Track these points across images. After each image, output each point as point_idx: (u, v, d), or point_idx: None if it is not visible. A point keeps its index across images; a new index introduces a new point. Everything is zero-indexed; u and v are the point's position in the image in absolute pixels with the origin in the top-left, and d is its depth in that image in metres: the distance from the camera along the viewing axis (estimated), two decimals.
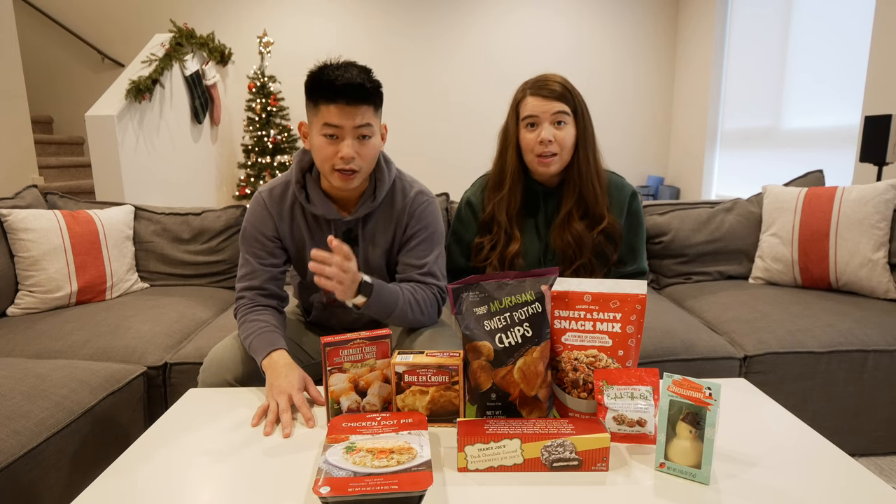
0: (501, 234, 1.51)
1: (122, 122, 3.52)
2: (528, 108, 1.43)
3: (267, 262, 1.39)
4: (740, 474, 0.88)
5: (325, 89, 1.23)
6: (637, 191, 1.55)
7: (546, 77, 1.44)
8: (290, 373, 1.17)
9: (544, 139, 1.40)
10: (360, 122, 1.25)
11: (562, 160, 1.44)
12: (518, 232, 1.51)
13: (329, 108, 1.23)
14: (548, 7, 5.47)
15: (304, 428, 1.06)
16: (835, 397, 1.77)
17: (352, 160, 1.25)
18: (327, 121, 1.24)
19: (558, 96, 1.41)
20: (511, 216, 1.51)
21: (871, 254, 1.98)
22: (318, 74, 1.24)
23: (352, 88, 1.22)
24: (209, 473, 0.91)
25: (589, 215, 1.49)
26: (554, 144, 1.41)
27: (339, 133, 1.25)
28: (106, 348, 1.71)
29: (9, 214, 1.97)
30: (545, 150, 1.42)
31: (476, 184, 1.61)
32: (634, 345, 1.01)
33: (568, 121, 1.42)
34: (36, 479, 1.24)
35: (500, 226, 1.51)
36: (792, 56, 4.03)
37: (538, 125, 1.42)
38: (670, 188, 5.40)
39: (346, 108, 1.23)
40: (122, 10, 5.29)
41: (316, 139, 1.27)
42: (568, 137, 1.42)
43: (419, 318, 1.37)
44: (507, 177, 1.50)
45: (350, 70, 1.24)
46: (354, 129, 1.25)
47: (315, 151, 1.29)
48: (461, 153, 5.65)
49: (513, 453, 0.90)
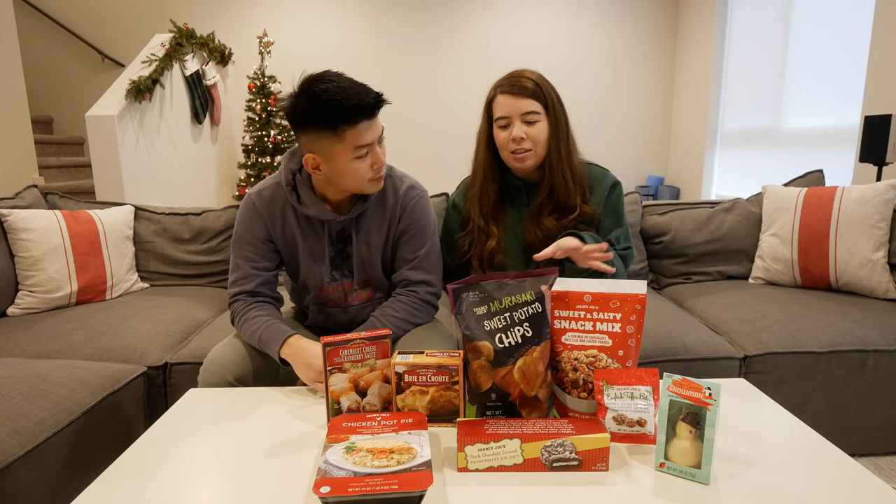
0: (477, 231, 1.52)
1: (122, 122, 3.52)
2: (499, 109, 1.43)
3: (259, 266, 1.39)
4: (740, 474, 0.88)
5: (351, 113, 1.18)
6: (619, 181, 1.54)
7: (517, 74, 1.44)
8: (318, 351, 1.20)
9: (516, 137, 1.40)
10: (380, 129, 1.29)
11: (537, 155, 1.44)
12: (495, 228, 1.51)
13: (355, 130, 1.21)
14: (548, 7, 5.47)
15: (304, 428, 1.06)
16: (835, 397, 1.77)
17: (383, 165, 1.31)
18: (359, 143, 1.23)
19: (529, 93, 1.40)
20: (486, 214, 1.51)
21: (870, 254, 1.98)
22: (334, 104, 1.17)
23: (374, 105, 1.21)
24: (209, 473, 0.91)
25: (560, 209, 1.48)
26: (527, 141, 1.41)
27: (370, 148, 1.26)
28: (106, 348, 1.71)
29: (9, 214, 1.97)
30: (518, 147, 1.42)
31: (460, 185, 1.63)
32: (634, 345, 1.01)
33: (539, 118, 1.42)
34: (36, 479, 1.24)
35: (475, 223, 1.52)
36: (792, 56, 4.03)
37: (510, 125, 1.42)
38: (670, 188, 5.40)
39: (369, 122, 1.23)
40: (122, 10, 5.29)
41: (348, 164, 1.25)
42: (540, 133, 1.42)
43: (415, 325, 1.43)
44: (479, 175, 1.51)
45: (352, 84, 1.21)
46: (378, 138, 1.28)
47: (349, 175, 1.27)
48: (461, 153, 5.64)
49: (513, 453, 0.90)
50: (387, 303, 1.42)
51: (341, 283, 1.43)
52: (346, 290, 1.44)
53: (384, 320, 1.37)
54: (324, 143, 1.23)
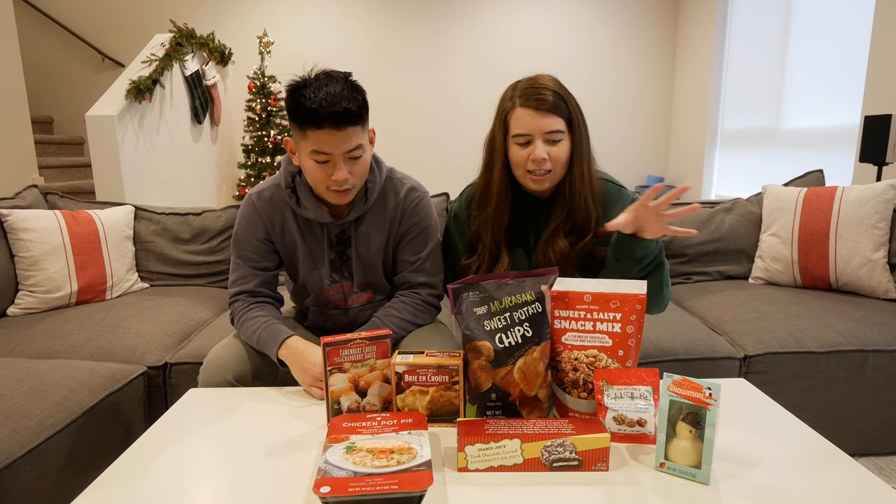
0: (486, 255, 1.39)
1: (122, 122, 3.52)
2: (519, 125, 1.28)
3: (259, 266, 1.39)
4: (740, 474, 0.88)
5: (310, 117, 1.16)
6: (636, 198, 1.38)
7: (537, 83, 1.29)
8: (315, 354, 1.19)
9: (537, 158, 1.27)
10: (351, 145, 1.20)
11: (555, 176, 1.32)
12: (505, 250, 1.39)
13: (317, 135, 1.17)
14: (548, 7, 5.47)
15: (304, 428, 1.06)
16: (835, 397, 1.77)
17: (345, 181, 1.23)
18: (317, 148, 1.19)
19: (552, 107, 1.26)
20: (498, 237, 1.38)
21: (870, 254, 1.98)
22: (301, 100, 1.16)
23: (339, 116, 1.15)
24: (209, 473, 0.91)
25: (576, 231, 1.37)
26: (547, 162, 1.28)
27: (331, 158, 1.21)
28: (106, 348, 1.71)
29: (9, 214, 1.97)
30: (538, 169, 1.28)
31: (463, 194, 1.49)
32: (634, 345, 1.01)
33: (563, 137, 1.28)
34: (36, 479, 1.24)
35: (486, 246, 1.39)
36: (792, 56, 4.03)
37: (530, 143, 1.28)
38: (670, 188, 5.40)
39: (336, 132, 1.17)
40: (122, 10, 5.29)
41: (306, 162, 1.23)
42: (563, 154, 1.29)
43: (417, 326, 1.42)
44: (494, 195, 1.36)
45: (332, 88, 1.16)
46: (345, 153, 1.21)
47: (307, 173, 1.26)
48: (462, 153, 5.65)
49: (513, 453, 0.90)
50: (389, 304, 1.42)
51: (341, 286, 1.43)
52: (346, 293, 1.44)
53: (386, 321, 1.37)
54: (295, 135, 1.25)
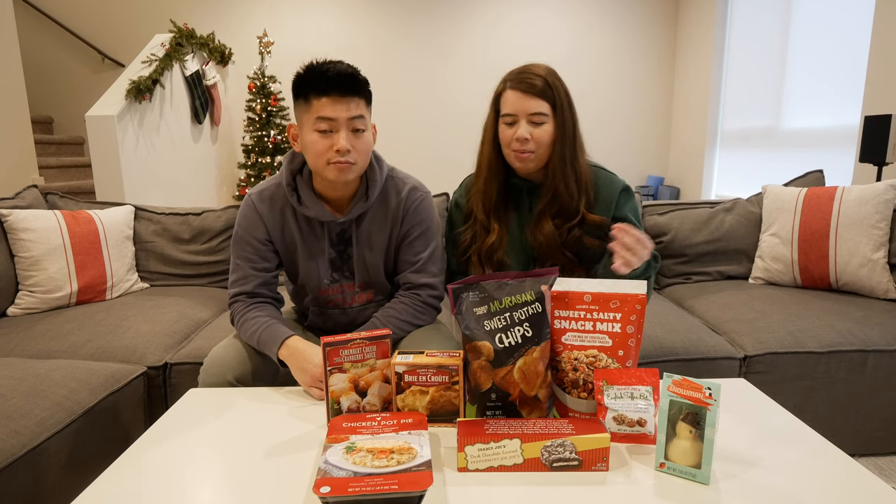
0: (478, 227, 1.49)
1: (122, 122, 3.52)
2: (507, 105, 1.38)
3: (259, 267, 1.39)
4: (740, 474, 0.88)
5: (316, 81, 1.22)
6: (629, 186, 1.48)
7: (528, 69, 1.39)
8: (315, 354, 1.20)
9: (520, 137, 1.36)
10: (354, 113, 1.24)
11: (539, 157, 1.40)
12: (497, 224, 1.47)
13: (321, 101, 1.23)
14: (548, 7, 5.47)
15: (304, 428, 1.06)
16: (835, 397, 1.77)
17: (347, 153, 1.24)
18: (321, 114, 1.23)
19: (538, 92, 1.35)
20: (488, 210, 1.48)
21: (870, 254, 1.98)
22: (308, 69, 1.24)
23: (345, 78, 1.22)
24: (209, 474, 0.91)
25: (563, 213, 1.44)
26: (530, 143, 1.37)
27: (334, 126, 1.24)
28: (106, 348, 1.71)
29: (9, 214, 1.97)
30: (521, 148, 1.38)
31: (463, 184, 1.60)
32: (634, 345, 1.01)
33: (546, 119, 1.37)
34: (36, 479, 1.24)
35: (477, 219, 1.49)
36: (792, 56, 4.03)
37: (516, 123, 1.38)
38: (670, 188, 5.40)
39: (340, 99, 1.22)
40: (122, 10, 5.29)
41: (309, 136, 1.26)
42: (545, 136, 1.38)
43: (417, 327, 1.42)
44: (483, 170, 1.48)
45: (339, 63, 1.25)
46: (349, 120, 1.24)
47: (308, 149, 1.27)
48: (462, 153, 5.65)
49: (513, 453, 0.90)
50: (389, 304, 1.42)
51: (341, 285, 1.43)
52: (346, 292, 1.44)
53: (386, 321, 1.37)
54: (299, 112, 1.28)
